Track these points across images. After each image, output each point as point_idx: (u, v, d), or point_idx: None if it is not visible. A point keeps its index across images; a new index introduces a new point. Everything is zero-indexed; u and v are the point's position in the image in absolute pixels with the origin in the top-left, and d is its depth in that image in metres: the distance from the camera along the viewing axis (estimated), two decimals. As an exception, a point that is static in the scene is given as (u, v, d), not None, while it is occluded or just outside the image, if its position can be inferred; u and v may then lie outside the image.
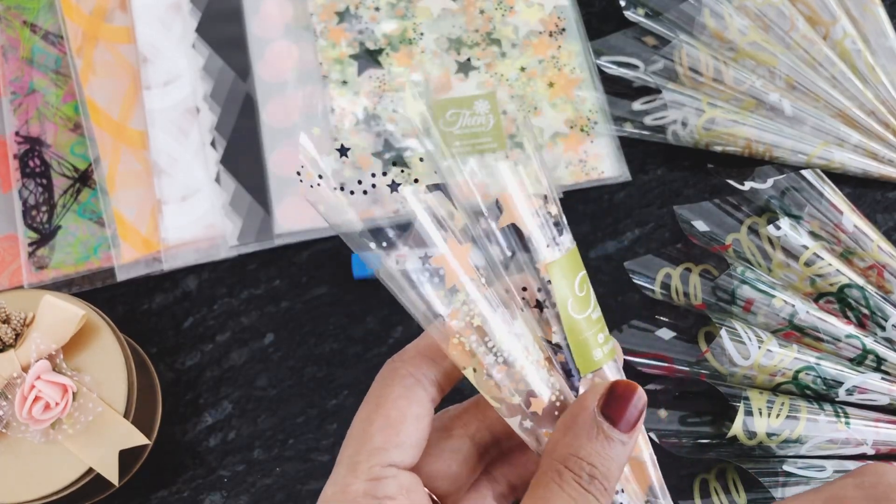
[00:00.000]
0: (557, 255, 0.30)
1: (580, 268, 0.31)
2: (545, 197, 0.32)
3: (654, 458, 0.33)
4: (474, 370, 0.30)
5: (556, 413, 0.31)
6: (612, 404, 0.30)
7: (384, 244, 0.31)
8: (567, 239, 0.31)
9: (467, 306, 0.30)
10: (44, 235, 0.53)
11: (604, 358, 0.31)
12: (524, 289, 0.31)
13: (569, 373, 0.32)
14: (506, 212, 0.31)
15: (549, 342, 0.31)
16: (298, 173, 0.29)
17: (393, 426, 0.30)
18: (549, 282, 0.30)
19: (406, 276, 0.30)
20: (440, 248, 0.30)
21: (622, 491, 0.32)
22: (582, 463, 0.29)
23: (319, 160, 0.30)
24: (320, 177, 0.30)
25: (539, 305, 0.31)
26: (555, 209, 0.31)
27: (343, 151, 0.30)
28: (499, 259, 0.31)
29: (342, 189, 0.31)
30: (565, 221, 0.31)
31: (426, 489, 0.32)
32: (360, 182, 0.31)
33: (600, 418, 0.30)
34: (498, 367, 0.30)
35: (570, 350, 0.31)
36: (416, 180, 0.32)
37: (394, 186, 0.31)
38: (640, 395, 0.30)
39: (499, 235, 0.31)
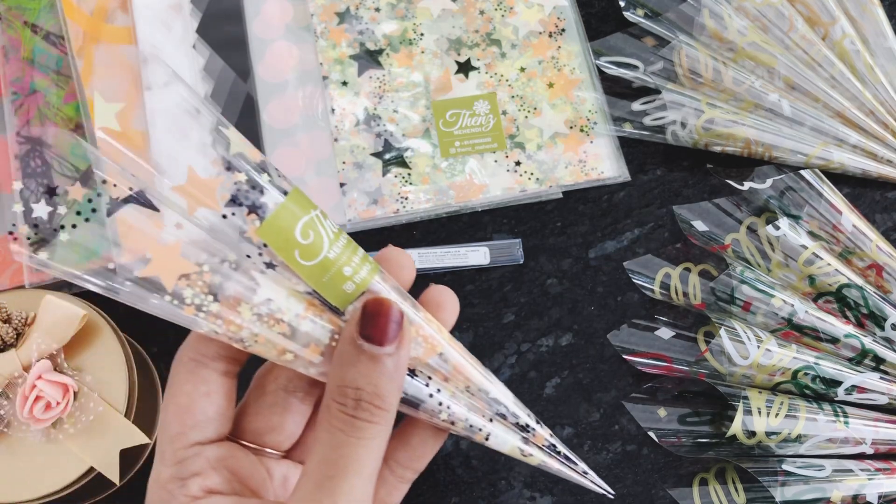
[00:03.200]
0: (258, 222, 0.30)
1: (301, 215, 0.31)
2: (228, 167, 0.31)
3: (461, 349, 0.34)
4: (245, 344, 0.31)
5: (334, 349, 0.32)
6: (367, 322, 0.30)
7: (118, 279, 0.31)
8: (269, 199, 0.30)
9: (198, 298, 0.30)
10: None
11: (359, 287, 0.32)
12: (259, 254, 0.31)
13: (336, 311, 0.32)
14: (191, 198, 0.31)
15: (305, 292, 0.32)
16: (11, 233, 0.30)
17: (184, 410, 0.32)
18: (265, 244, 0.31)
19: (136, 295, 0.31)
20: (150, 259, 0.30)
21: (438, 391, 0.33)
22: (346, 389, 0.30)
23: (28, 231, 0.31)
24: (35, 225, 0.30)
25: (271, 265, 0.31)
26: (243, 176, 0.31)
27: (51, 192, 0.31)
28: (228, 236, 0.31)
29: (62, 228, 0.31)
30: (264, 181, 0.30)
31: (258, 446, 0.34)
32: (78, 213, 0.32)
33: (360, 340, 0.30)
34: (263, 333, 0.31)
35: (318, 294, 0.32)
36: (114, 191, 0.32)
37: (112, 209, 0.31)
38: (392, 306, 0.30)
39: (208, 218, 0.31)
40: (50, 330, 0.45)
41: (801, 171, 0.53)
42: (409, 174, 0.55)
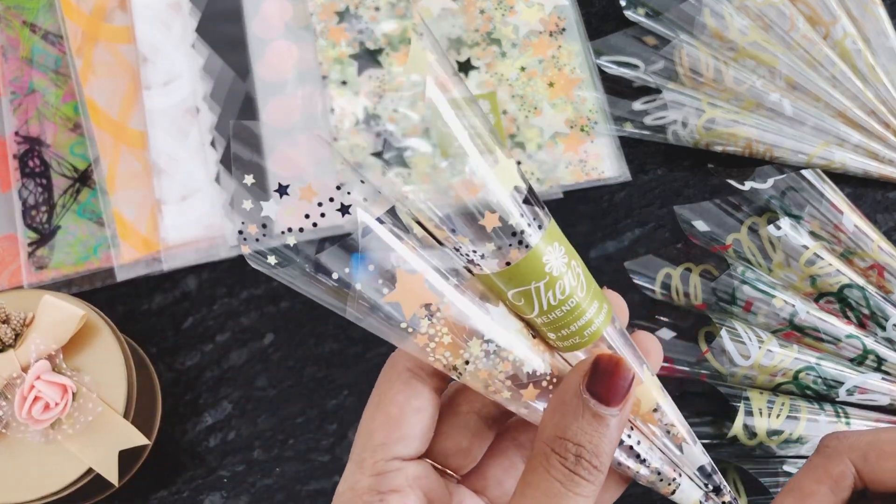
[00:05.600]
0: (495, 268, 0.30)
1: (516, 286, 0.30)
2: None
3: (672, 404, 0.33)
4: (459, 374, 0.30)
5: (551, 392, 0.31)
6: (598, 380, 0.29)
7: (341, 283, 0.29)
8: (488, 265, 0.30)
9: (433, 328, 0.29)
10: (43, 235, 0.53)
11: (591, 337, 0.31)
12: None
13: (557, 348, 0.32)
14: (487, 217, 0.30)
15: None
16: (241, 232, 0.28)
17: (394, 421, 0.31)
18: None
19: (367, 313, 0.30)
20: (394, 283, 0.29)
21: (639, 443, 0.32)
22: (567, 444, 0.29)
23: (259, 209, 0.29)
24: (264, 226, 0.29)
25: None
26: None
27: (282, 190, 0.29)
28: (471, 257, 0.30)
29: (290, 230, 0.30)
30: (485, 251, 0.30)
31: (441, 467, 0.33)
32: (307, 216, 0.30)
33: (586, 395, 0.29)
34: (485, 369, 0.30)
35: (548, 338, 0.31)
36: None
37: (344, 210, 0.30)
38: (625, 367, 0.30)
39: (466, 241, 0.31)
40: (49, 330, 0.45)
41: (803, 171, 0.53)
42: (408, 174, 0.55)
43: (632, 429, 0.33)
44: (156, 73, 0.56)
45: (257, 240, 0.29)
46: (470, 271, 0.31)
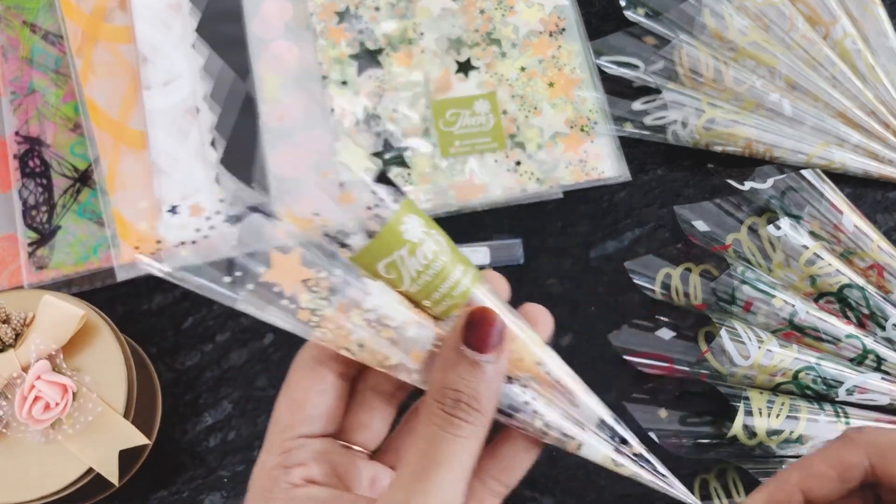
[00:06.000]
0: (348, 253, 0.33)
1: (382, 256, 0.33)
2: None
3: (560, 362, 0.36)
4: (351, 351, 0.33)
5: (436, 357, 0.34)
6: (471, 331, 0.32)
7: (234, 276, 0.33)
8: (356, 240, 0.33)
9: (313, 303, 0.32)
10: (43, 235, 0.53)
11: (461, 298, 0.34)
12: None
13: (438, 318, 0.34)
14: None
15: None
16: (137, 247, 0.32)
17: (297, 404, 0.35)
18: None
19: (253, 300, 0.33)
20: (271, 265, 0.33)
21: (534, 399, 0.35)
22: (446, 391, 0.32)
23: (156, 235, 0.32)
24: (158, 242, 0.32)
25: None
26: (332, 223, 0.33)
27: (173, 210, 0.32)
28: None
29: (183, 244, 0.33)
30: (349, 228, 0.33)
31: (349, 444, 0.36)
32: (197, 230, 0.33)
33: (462, 346, 0.32)
34: (370, 338, 0.33)
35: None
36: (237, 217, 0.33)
37: (232, 221, 0.33)
38: (494, 315, 0.32)
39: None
40: (49, 330, 0.45)
41: (803, 171, 0.53)
42: (408, 174, 0.55)
43: (525, 387, 0.35)
44: (156, 73, 0.56)
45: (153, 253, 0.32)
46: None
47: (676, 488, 0.37)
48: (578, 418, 0.36)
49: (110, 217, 0.53)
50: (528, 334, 0.35)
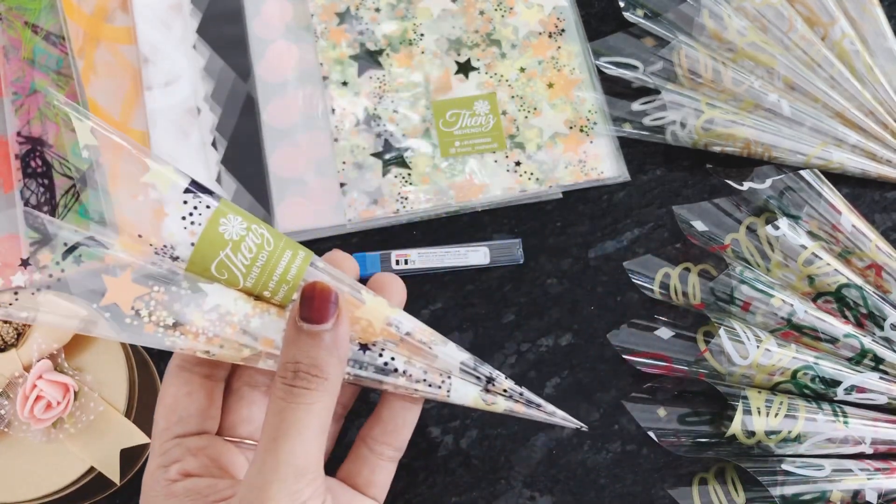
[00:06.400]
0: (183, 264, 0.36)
1: (211, 259, 0.35)
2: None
3: (409, 317, 0.38)
4: (206, 352, 0.35)
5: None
6: (305, 306, 0.34)
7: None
8: (182, 251, 0.35)
9: (154, 315, 0.35)
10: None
11: (295, 281, 0.36)
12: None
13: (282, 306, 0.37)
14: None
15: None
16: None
17: (169, 409, 0.37)
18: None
19: (107, 325, 0.35)
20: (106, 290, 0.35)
21: (392, 359, 0.37)
22: (287, 364, 0.34)
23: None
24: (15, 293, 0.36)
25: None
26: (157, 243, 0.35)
27: (24, 263, 0.36)
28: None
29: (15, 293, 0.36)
30: (174, 240, 0.35)
31: (233, 437, 0.39)
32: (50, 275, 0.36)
33: (300, 322, 0.34)
34: (218, 334, 0.35)
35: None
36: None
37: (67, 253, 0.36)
38: (324, 287, 0.34)
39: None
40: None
41: (801, 172, 0.54)
42: (409, 174, 0.55)
43: (383, 350, 0.37)
44: (157, 73, 0.56)
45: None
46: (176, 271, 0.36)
47: (557, 415, 0.39)
48: (441, 368, 0.38)
49: (112, 217, 0.54)
50: (376, 301, 0.37)
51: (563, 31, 0.59)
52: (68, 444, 0.45)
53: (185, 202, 0.35)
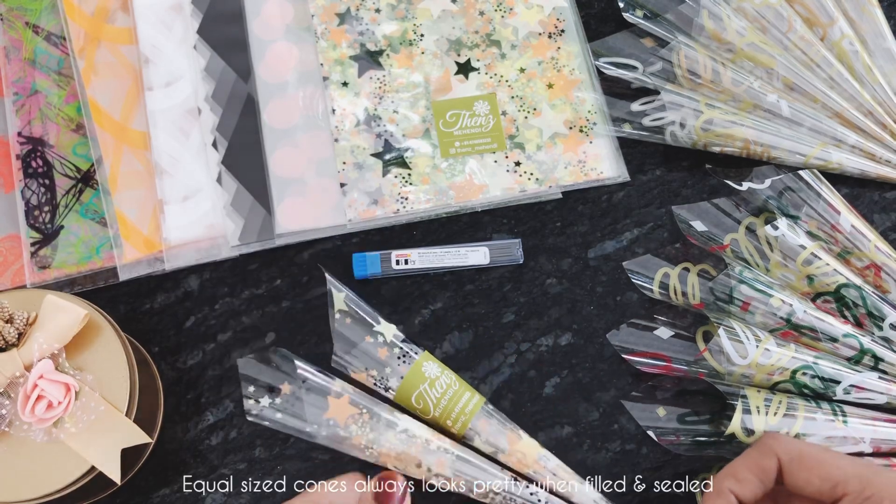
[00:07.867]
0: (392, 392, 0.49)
1: (412, 390, 0.48)
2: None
3: (554, 457, 0.48)
4: (395, 467, 0.47)
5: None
6: (380, 495, 0.42)
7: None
8: (393, 383, 0.48)
9: (361, 430, 0.46)
10: (46, 235, 0.54)
11: (471, 415, 0.48)
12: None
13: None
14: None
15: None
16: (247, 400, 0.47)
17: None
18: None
19: (321, 433, 0.47)
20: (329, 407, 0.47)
21: (538, 492, 0.47)
22: None
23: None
24: (257, 401, 0.47)
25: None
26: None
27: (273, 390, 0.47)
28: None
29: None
30: (387, 375, 0.49)
31: None
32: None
33: (373, 501, 0.42)
34: (403, 450, 0.47)
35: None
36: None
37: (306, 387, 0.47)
38: (394, 476, 0.42)
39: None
40: (51, 330, 0.45)
41: (800, 172, 0.54)
42: (409, 174, 0.56)
43: (530, 482, 0.47)
44: (158, 73, 0.56)
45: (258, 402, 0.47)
46: (388, 400, 0.49)
47: None
48: (576, 502, 0.48)
49: (112, 217, 0.54)
50: (530, 440, 0.48)
51: (562, 31, 0.59)
52: (69, 444, 0.45)
53: (400, 347, 0.49)
